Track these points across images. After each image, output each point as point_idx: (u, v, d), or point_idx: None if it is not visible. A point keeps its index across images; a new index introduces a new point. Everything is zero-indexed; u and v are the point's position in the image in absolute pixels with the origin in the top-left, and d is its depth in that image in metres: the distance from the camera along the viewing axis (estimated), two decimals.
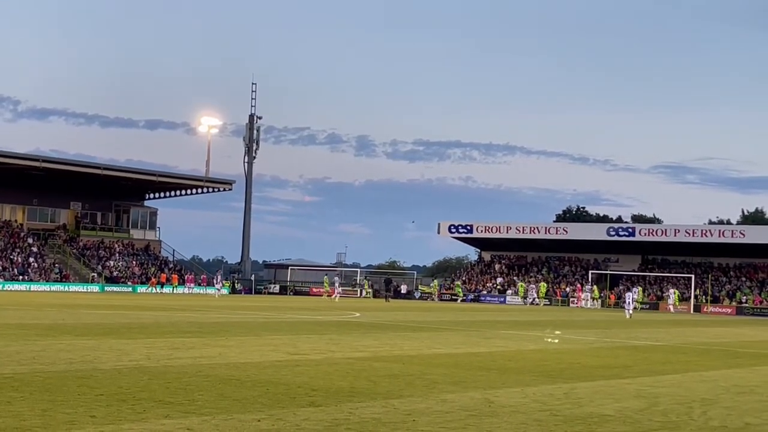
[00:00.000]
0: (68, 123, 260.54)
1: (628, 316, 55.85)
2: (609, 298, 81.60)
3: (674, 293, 77.96)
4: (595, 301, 79.61)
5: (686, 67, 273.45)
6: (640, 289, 78.35)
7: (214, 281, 77.22)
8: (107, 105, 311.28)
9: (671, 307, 75.92)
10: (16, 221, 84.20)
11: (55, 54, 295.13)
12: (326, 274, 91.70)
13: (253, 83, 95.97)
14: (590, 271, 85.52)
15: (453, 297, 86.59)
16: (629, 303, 58.54)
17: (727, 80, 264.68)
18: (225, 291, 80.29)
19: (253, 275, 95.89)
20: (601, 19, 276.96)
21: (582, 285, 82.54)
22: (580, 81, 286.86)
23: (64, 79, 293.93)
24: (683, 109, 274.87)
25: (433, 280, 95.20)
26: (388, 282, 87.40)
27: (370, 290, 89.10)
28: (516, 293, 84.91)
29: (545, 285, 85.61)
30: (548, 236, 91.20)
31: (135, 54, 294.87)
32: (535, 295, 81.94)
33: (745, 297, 79.58)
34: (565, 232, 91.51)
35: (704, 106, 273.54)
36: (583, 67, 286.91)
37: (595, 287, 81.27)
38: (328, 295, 79.85)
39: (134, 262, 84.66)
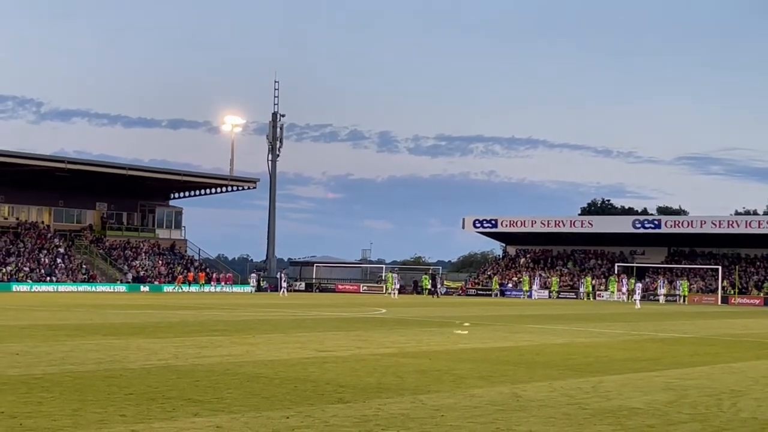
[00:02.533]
0: (91, 124, 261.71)
1: (637, 306, 58.21)
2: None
3: (666, 284, 77.88)
4: (622, 294, 79.05)
5: (708, 58, 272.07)
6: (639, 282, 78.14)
7: (281, 281, 77.47)
8: (130, 105, 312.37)
9: (661, 298, 75.52)
10: (42, 222, 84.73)
11: (78, 55, 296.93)
12: (391, 271, 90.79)
13: (275, 81, 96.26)
14: (616, 264, 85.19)
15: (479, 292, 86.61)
16: (638, 294, 61.11)
17: (750, 70, 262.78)
18: (250, 289, 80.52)
19: (278, 273, 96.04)
20: (622, 10, 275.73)
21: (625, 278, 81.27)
22: (602, 73, 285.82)
23: (87, 80, 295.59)
24: (706, 99, 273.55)
25: (423, 275, 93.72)
26: (434, 278, 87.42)
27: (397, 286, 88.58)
28: (543, 287, 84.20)
29: (557, 279, 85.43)
30: (573, 230, 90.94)
31: (156, 54, 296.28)
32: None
33: None
34: (590, 225, 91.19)
35: (727, 96, 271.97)
36: (605, 59, 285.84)
37: (627, 280, 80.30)
38: (396, 293, 78.34)
39: (160, 262, 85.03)
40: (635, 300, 61.67)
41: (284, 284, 75.94)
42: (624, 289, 78.13)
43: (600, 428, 11.62)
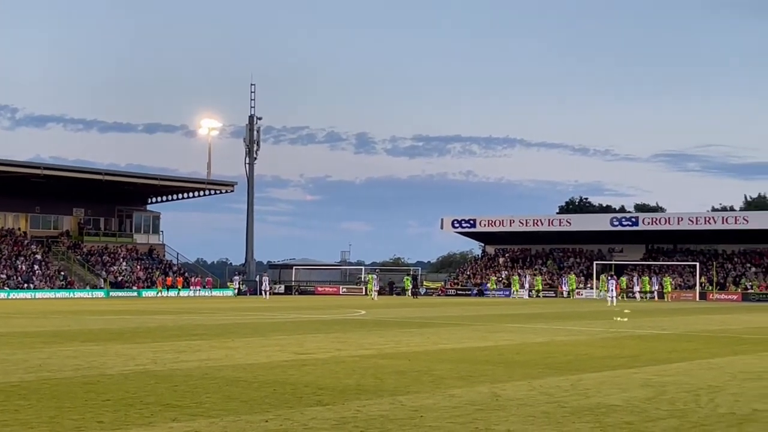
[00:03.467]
0: (67, 129, 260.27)
1: (609, 304, 58.26)
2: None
3: (642, 281, 78.57)
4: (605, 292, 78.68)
5: (684, 55, 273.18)
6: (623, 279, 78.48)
7: (263, 284, 77.08)
8: (105, 110, 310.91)
9: (637, 295, 75.45)
10: (19, 229, 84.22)
11: (52, 60, 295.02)
12: (369, 273, 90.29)
13: (252, 84, 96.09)
14: (595, 262, 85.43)
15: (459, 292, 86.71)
16: (612, 291, 61.09)
17: (725, 67, 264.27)
18: (232, 292, 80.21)
19: (257, 276, 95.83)
20: (597, 8, 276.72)
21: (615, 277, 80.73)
22: (578, 71, 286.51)
23: (62, 85, 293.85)
24: (682, 96, 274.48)
25: (405, 276, 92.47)
26: (415, 278, 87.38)
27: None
28: (524, 286, 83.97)
29: (540, 279, 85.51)
30: (552, 228, 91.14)
31: (131, 58, 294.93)
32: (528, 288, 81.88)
33: (750, 283, 79.55)
34: (568, 224, 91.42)
35: (703, 93, 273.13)
36: (581, 57, 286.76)
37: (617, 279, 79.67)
38: (378, 294, 76.91)
39: (138, 267, 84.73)
40: (610, 297, 61.50)
41: (267, 287, 75.59)
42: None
43: (579, 426, 11.65)
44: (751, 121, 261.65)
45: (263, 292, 75.51)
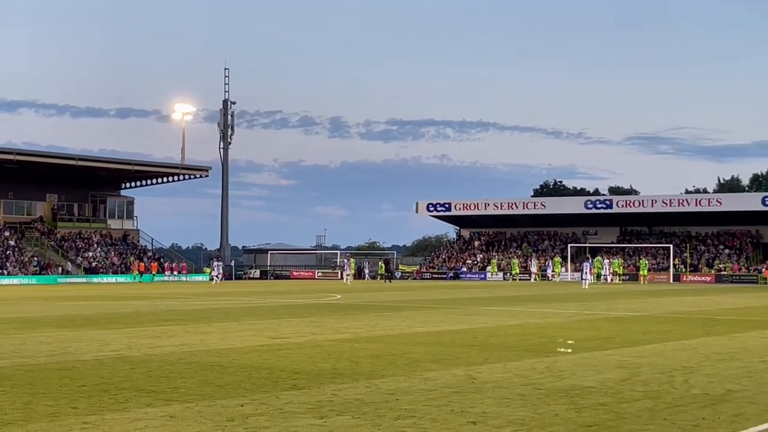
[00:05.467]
0: (39, 114, 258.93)
1: (584, 286, 58.95)
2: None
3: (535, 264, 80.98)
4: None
5: (655, 38, 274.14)
6: (616, 261, 78.83)
7: (215, 270, 76.67)
8: (77, 95, 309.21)
9: (534, 276, 76.27)
10: None
11: (23, 45, 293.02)
12: (348, 257, 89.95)
13: (225, 68, 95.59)
14: (569, 245, 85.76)
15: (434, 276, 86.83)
16: (586, 273, 61.59)
17: (696, 49, 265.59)
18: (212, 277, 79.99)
19: (232, 261, 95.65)
20: None
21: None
22: (551, 55, 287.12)
23: (33, 71, 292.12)
24: (654, 79, 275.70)
25: (378, 260, 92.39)
26: (387, 263, 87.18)
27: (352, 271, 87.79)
28: (500, 269, 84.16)
29: (537, 262, 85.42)
30: (526, 211, 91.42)
31: (103, 43, 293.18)
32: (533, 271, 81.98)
33: (723, 265, 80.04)
34: (543, 207, 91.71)
35: (675, 75, 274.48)
36: (552, 41, 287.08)
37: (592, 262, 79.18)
38: (350, 278, 76.59)
39: (113, 252, 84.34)
40: (584, 280, 61.97)
41: (218, 272, 75.00)
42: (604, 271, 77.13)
43: (554, 408, 11.68)
44: (722, 104, 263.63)
45: (213, 278, 75.09)
